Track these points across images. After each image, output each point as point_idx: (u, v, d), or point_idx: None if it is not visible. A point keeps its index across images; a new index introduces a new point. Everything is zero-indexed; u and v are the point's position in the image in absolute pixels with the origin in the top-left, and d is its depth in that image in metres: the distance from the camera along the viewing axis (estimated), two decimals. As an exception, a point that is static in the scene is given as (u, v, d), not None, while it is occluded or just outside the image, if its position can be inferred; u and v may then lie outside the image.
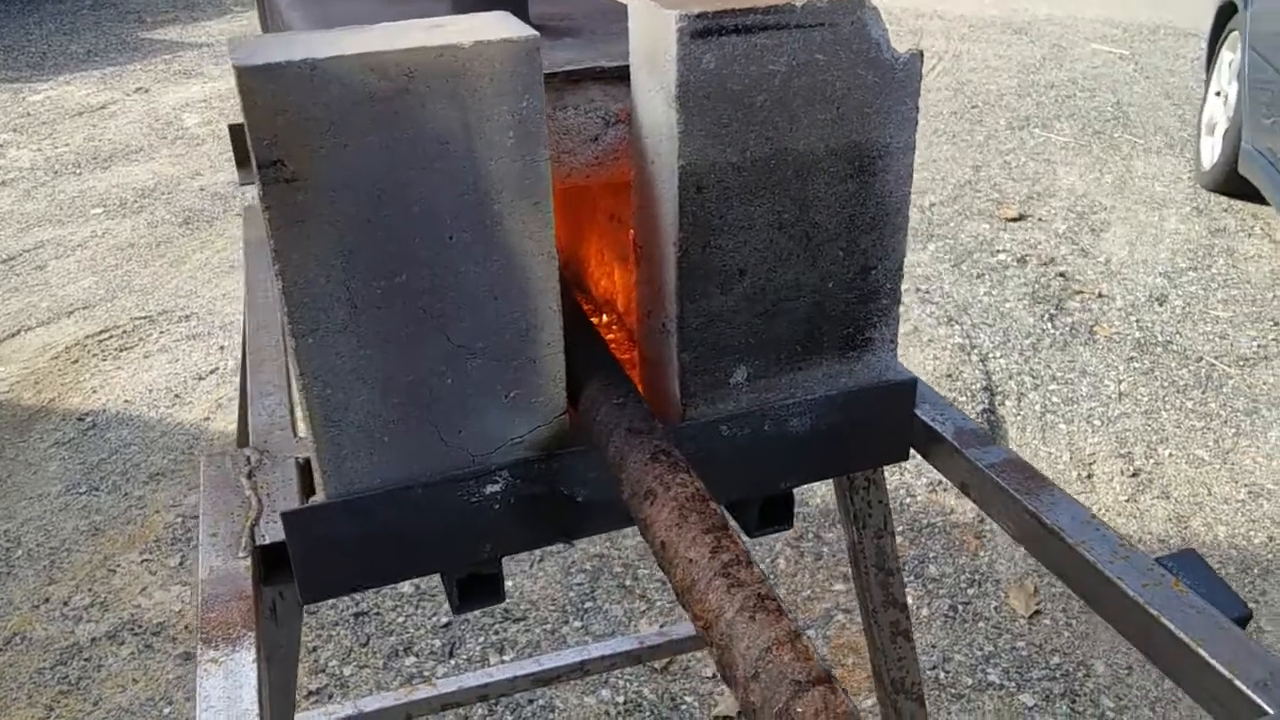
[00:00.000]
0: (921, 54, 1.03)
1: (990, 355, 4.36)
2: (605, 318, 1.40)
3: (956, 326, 4.55)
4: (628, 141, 1.11)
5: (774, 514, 1.19)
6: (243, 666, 0.97)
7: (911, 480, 3.71)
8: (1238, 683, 0.88)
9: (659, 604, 3.26)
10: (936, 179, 5.91)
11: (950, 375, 4.27)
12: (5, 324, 4.58)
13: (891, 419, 1.19)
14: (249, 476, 1.23)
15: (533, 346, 1.02)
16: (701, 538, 0.86)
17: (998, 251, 5.14)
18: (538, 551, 3.46)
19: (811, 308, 1.10)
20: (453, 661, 3.05)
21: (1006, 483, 1.16)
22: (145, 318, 4.67)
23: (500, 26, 0.93)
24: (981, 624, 3.16)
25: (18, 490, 3.69)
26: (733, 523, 0.91)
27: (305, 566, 1.02)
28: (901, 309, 4.82)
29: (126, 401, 4.12)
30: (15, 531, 3.50)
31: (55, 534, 3.48)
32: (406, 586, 3.34)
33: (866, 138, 1.04)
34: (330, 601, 3.30)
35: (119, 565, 3.33)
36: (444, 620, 3.20)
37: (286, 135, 0.88)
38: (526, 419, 1.05)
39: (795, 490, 1.22)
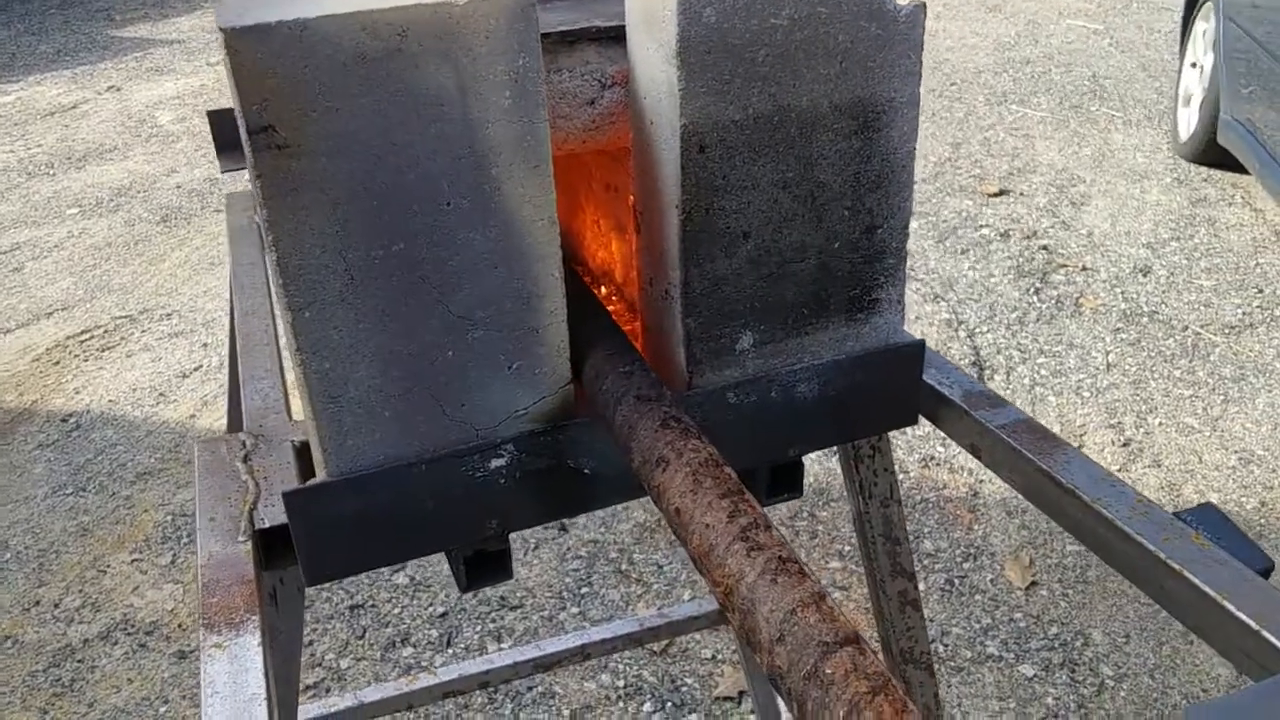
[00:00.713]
0: (924, 5, 1.00)
1: (977, 330, 4.36)
2: (604, 290, 1.37)
3: (943, 303, 4.55)
4: (625, 104, 1.08)
5: (783, 482, 1.17)
6: (247, 650, 0.94)
7: (904, 456, 3.70)
8: (1265, 633, 0.87)
9: (655, 587, 3.25)
10: (917, 157, 5.89)
11: (938, 351, 4.26)
12: (-17, 327, 4.52)
13: (900, 383, 1.17)
14: (245, 460, 1.20)
15: (535, 315, 1.00)
16: (717, 502, 0.84)
17: (980, 227, 5.13)
18: (532, 539, 3.44)
19: (817, 269, 1.08)
20: (450, 651, 3.03)
21: (1018, 443, 1.14)
22: (126, 317, 4.61)
23: (494, -17, 0.90)
24: (978, 597, 3.16)
25: (3, 493, 3.64)
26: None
27: (308, 548, 1.00)
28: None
29: (110, 401, 4.07)
30: (2, 535, 3.45)
31: (43, 536, 3.43)
32: (401, 578, 3.31)
33: (870, 92, 1.02)
34: (325, 595, 3.27)
35: (109, 565, 3.29)
36: (440, 610, 3.17)
37: (276, 99, 0.85)
38: (531, 390, 1.02)
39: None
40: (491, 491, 1.04)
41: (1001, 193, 5.47)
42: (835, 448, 1.43)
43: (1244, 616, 0.89)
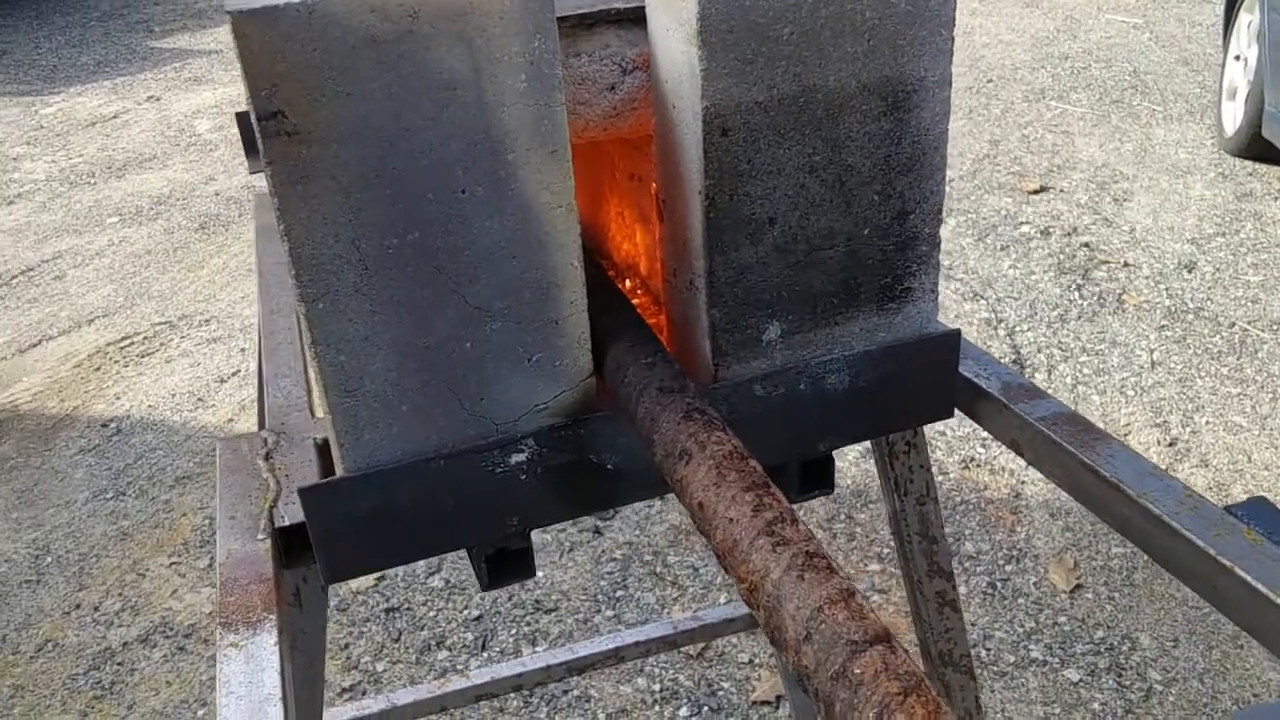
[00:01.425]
0: (955, -20, 0.97)
1: (1018, 329, 4.29)
2: (628, 283, 1.34)
3: (982, 301, 4.48)
4: (647, 89, 1.05)
5: (814, 478, 1.14)
6: (264, 650, 0.92)
7: (943, 457, 3.64)
8: (1323, 632, 0.83)
9: (691, 590, 3.21)
10: (954, 154, 5.82)
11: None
12: (27, 334, 4.57)
13: (935, 374, 1.13)
14: (266, 458, 1.18)
15: (554, 306, 0.97)
16: (742, 496, 0.81)
17: (1020, 224, 5.05)
18: (567, 541, 3.41)
19: (846, 256, 1.04)
20: (485, 654, 3.01)
21: (1060, 436, 1.10)
22: (165, 323, 4.65)
23: (508, -37, 0.87)
24: (1021, 600, 3.09)
25: (45, 498, 3.67)
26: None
27: (326, 545, 0.97)
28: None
29: (150, 407, 4.10)
30: (44, 539, 3.48)
31: (84, 540, 3.46)
32: (437, 580, 3.30)
33: (900, 71, 0.98)
34: (361, 598, 3.26)
35: (148, 569, 3.31)
36: (475, 613, 3.16)
37: (286, 84, 0.83)
38: (551, 384, 1.00)
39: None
40: (512, 487, 1.01)
41: (1041, 189, 5.38)
42: (869, 445, 1.39)
43: (1300, 614, 0.84)
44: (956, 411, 1.22)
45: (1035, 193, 5.36)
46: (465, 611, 3.16)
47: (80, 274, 5.09)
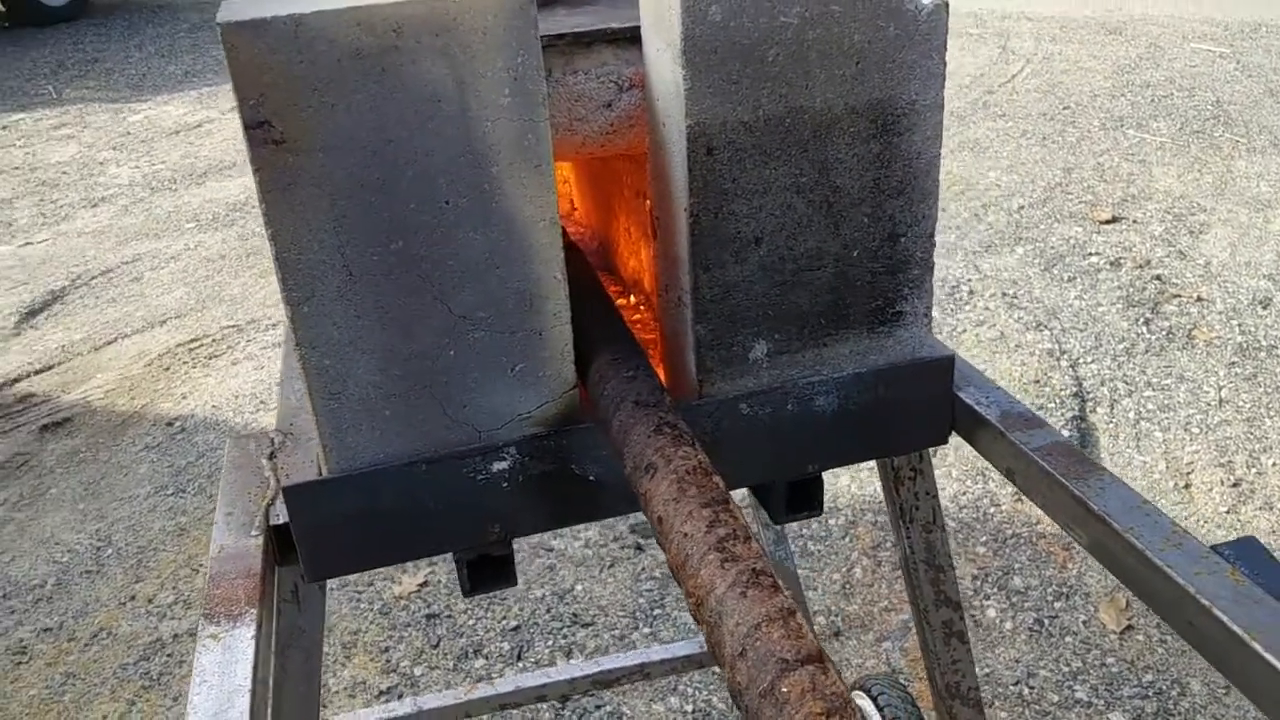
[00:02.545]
0: (947, 5, 0.96)
1: (1081, 361, 4.20)
2: (633, 298, 1.35)
3: (1045, 332, 4.39)
4: (643, 107, 1.07)
5: (802, 499, 1.13)
6: (241, 642, 0.95)
7: (996, 489, 3.58)
8: (1295, 677, 0.80)
9: (730, 612, 3.19)
10: (1025, 181, 5.74)
11: (1038, 381, 4.13)
12: (103, 332, 4.74)
13: (928, 399, 1.12)
14: (270, 457, 1.22)
15: (537, 318, 0.99)
16: (699, 511, 0.81)
17: (1090, 255, 4.95)
18: (608, 557, 3.42)
19: (835, 278, 1.04)
20: (521, 664, 3.03)
21: (1053, 467, 1.08)
22: (234, 327, 4.78)
23: (494, -19, 0.89)
24: (1069, 639, 3.02)
25: (109, 491, 3.79)
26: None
27: (308, 543, 1.00)
28: (987, 314, 4.65)
29: (214, 407, 4.21)
30: (106, 531, 3.59)
31: (143, 534, 3.56)
32: (477, 590, 3.33)
33: (889, 94, 0.98)
34: (404, 603, 3.31)
35: (202, 564, 3.39)
36: (513, 624, 3.18)
37: (273, 94, 0.86)
38: (534, 393, 1.01)
39: (869, 495, 1.15)
40: (494, 495, 1.02)
41: (1114, 220, 5.27)
42: (876, 470, 1.38)
43: (1272, 659, 0.82)
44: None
45: (1107, 223, 5.25)
46: (504, 621, 3.19)
47: (156, 276, 5.26)
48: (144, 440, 4.05)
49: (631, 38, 1.04)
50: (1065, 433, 3.80)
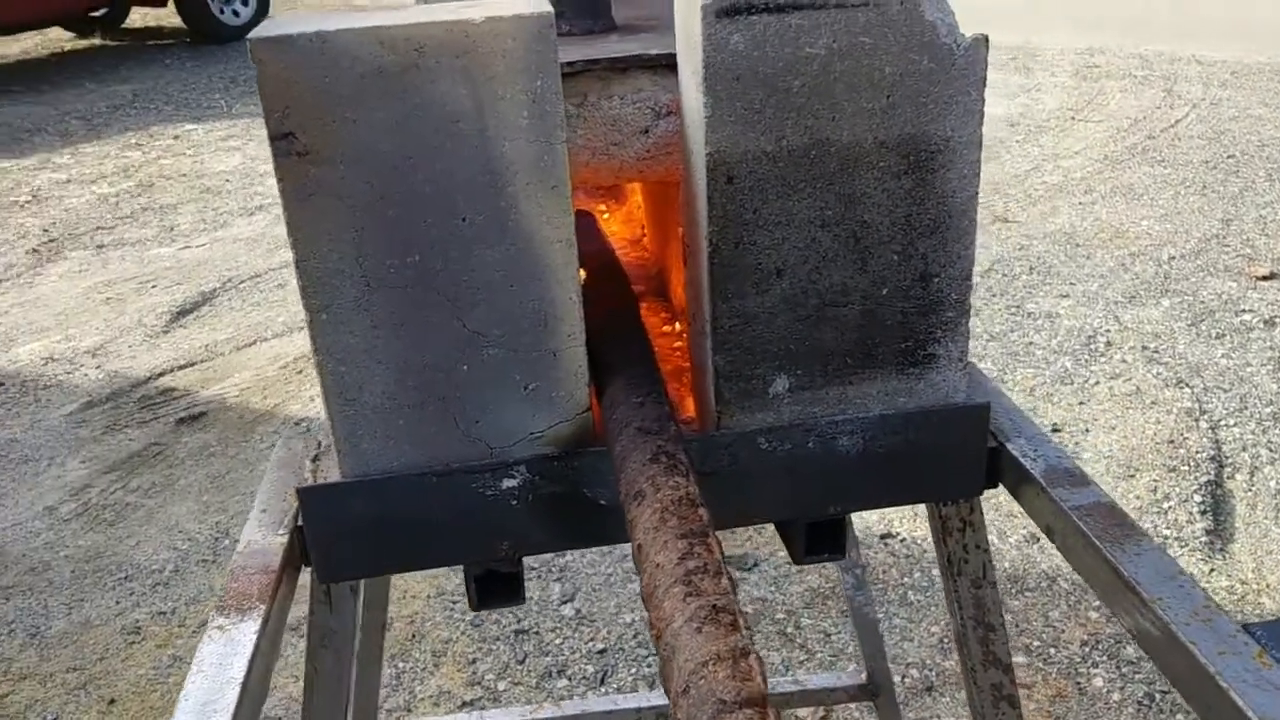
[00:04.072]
0: (986, 39, 0.93)
1: (1222, 423, 3.96)
2: (678, 325, 1.34)
3: (1186, 390, 4.17)
4: (679, 134, 1.06)
5: (823, 541, 1.10)
6: (244, 635, 0.98)
7: (1112, 551, 3.39)
8: (1307, 777, 0.73)
9: (820, 655, 3.12)
10: (1179, 231, 5.47)
11: (1172, 441, 3.91)
12: (245, 334, 4.98)
13: (961, 447, 1.08)
14: (314, 460, 1.25)
15: (552, 338, 0.99)
16: (674, 542, 0.80)
17: (1242, 311, 4.68)
18: (700, 588, 3.39)
19: (862, 315, 1.01)
20: (603, 689, 3.03)
21: (1089, 527, 1.02)
22: (365, 336, 4.95)
23: (515, 4, 0.91)
24: (1180, 716, 2.84)
25: (233, 486, 3.97)
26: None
27: (320, 544, 1.03)
28: (1124, 367, 4.43)
29: (338, 412, 4.36)
30: (225, 524, 3.76)
31: (258, 529, 3.71)
32: (568, 609, 3.35)
33: (922, 130, 0.95)
34: (495, 617, 3.36)
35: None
36: (600, 647, 3.18)
37: (298, 108, 0.89)
38: (546, 414, 1.02)
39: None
40: (503, 512, 1.03)
41: (1272, 276, 4.97)
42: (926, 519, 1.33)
43: (1285, 752, 0.75)
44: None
45: (1265, 279, 4.96)
46: (590, 644, 3.20)
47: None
48: (271, 438, 4.23)
49: (669, 65, 1.04)
50: (1197, 498, 3.59)
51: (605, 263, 1.26)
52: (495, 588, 1.07)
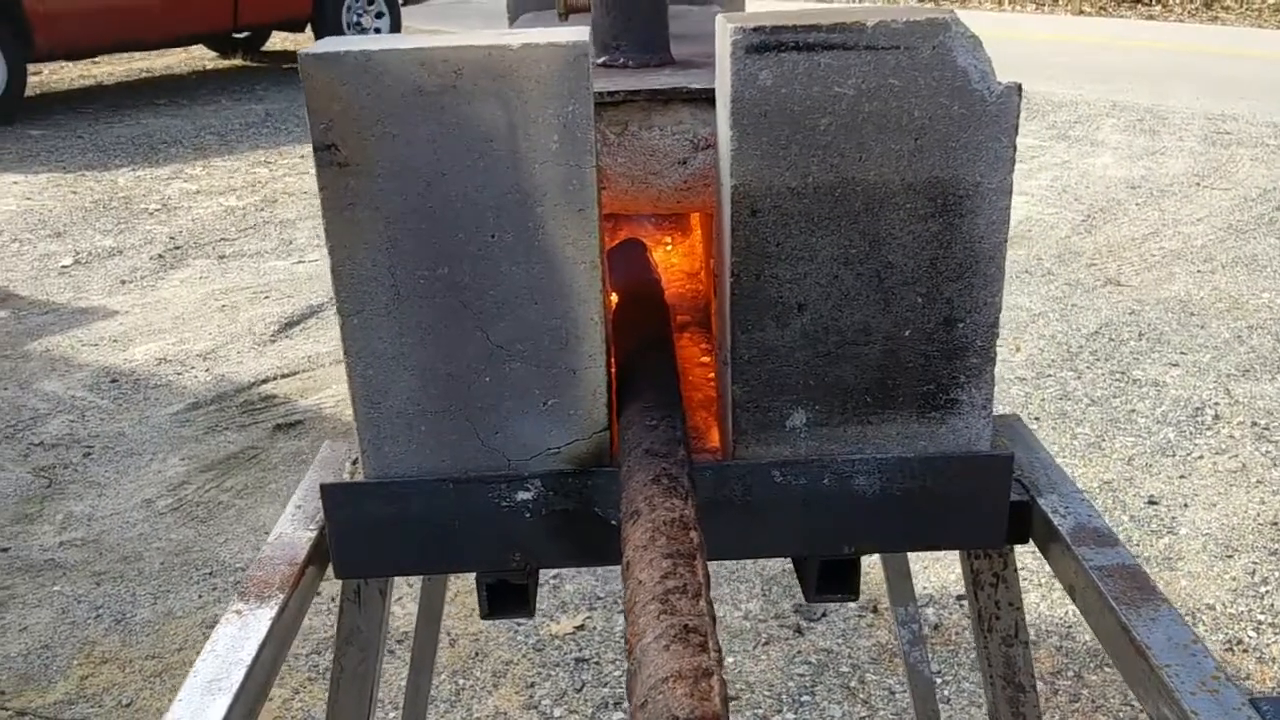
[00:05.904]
0: (1020, 87, 0.93)
1: (1341, 500, 3.77)
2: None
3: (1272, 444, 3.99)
4: (715, 167, 1.08)
5: (835, 581, 1.09)
6: (260, 622, 1.02)
7: (1207, 634, 3.25)
8: None
9: (882, 713, 3.06)
10: (1301, 297, 5.24)
11: (1276, 524, 3.74)
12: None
13: (981, 496, 1.06)
14: (354, 462, 1.30)
15: (573, 356, 1.01)
16: (658, 561, 0.81)
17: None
18: (765, 634, 3.36)
19: (883, 355, 1.01)
20: (656, 726, 3.01)
21: (1108, 589, 1.00)
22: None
23: (555, 34, 0.94)
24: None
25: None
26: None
27: (339, 541, 1.06)
28: (1231, 442, 4.28)
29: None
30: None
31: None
32: (631, 643, 3.34)
33: (952, 174, 0.95)
34: (557, 642, 3.38)
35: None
36: (658, 684, 3.17)
37: (341, 121, 0.94)
38: (564, 430, 1.04)
39: (1072, 616, 1.10)
40: (517, 523, 1.05)
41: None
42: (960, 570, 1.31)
43: (1268, 833, 0.72)
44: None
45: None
46: (649, 679, 3.19)
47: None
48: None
49: (710, 99, 1.06)
50: (1299, 585, 3.42)
51: (647, 291, 1.28)
52: (507, 597, 1.09)
